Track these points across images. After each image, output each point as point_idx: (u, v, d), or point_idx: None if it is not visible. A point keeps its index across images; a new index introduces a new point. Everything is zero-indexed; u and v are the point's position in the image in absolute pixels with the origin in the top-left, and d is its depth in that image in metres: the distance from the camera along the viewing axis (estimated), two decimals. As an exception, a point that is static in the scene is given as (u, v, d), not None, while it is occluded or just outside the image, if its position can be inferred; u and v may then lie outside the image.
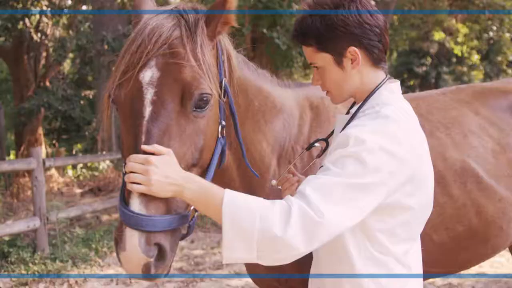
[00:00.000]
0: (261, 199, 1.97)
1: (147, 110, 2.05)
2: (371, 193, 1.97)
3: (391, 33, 19.00)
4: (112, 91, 2.14)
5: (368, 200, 1.97)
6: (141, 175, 1.94)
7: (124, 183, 2.02)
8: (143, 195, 1.97)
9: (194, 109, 2.12)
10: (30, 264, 7.93)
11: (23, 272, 7.74)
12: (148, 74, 2.09)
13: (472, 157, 3.02)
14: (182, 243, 9.49)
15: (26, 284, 7.53)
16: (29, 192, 13.84)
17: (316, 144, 2.57)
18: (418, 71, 26.86)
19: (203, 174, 2.22)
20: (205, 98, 2.13)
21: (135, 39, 2.14)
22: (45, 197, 8.58)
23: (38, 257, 8.11)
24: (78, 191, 14.98)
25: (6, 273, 7.69)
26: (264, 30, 10.78)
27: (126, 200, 2.00)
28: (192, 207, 2.14)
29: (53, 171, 16.08)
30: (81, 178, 16.62)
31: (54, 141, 19.04)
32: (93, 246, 8.83)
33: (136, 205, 1.96)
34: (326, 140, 2.49)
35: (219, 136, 2.34)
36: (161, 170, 1.94)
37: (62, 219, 9.10)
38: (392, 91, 2.25)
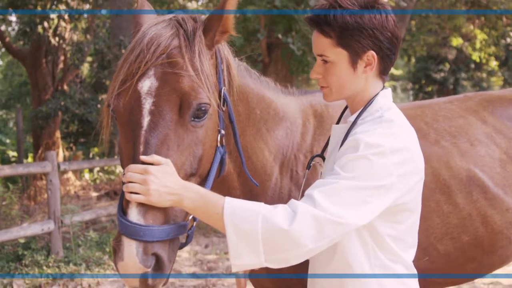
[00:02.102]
0: (262, 203, 1.99)
1: (146, 120, 2.06)
2: (381, 195, 2.00)
3: (408, 38, 18.90)
4: (111, 100, 2.15)
5: (378, 201, 2.00)
6: (140, 185, 1.95)
7: (123, 193, 2.03)
8: (141, 204, 1.98)
9: (192, 119, 2.13)
10: (44, 267, 7.99)
11: (37, 275, 7.79)
12: (147, 84, 2.10)
13: (479, 166, 2.99)
14: (196, 248, 9.51)
15: (39, 286, 7.59)
16: (45, 195, 13.94)
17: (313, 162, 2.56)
18: (436, 77, 26.69)
19: (202, 183, 2.23)
20: (203, 108, 2.14)
21: (134, 49, 2.15)
22: (59, 200, 8.63)
23: (52, 260, 8.16)
24: (94, 194, 15.06)
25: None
26: (280, 36, 10.77)
27: (124, 209, 2.01)
28: (190, 216, 2.15)
29: (70, 175, 16.17)
30: (97, 181, 16.72)
31: (71, 145, 19.16)
32: (107, 249, 8.86)
33: (134, 215, 1.97)
34: (321, 155, 2.46)
35: (218, 145, 2.34)
36: (160, 180, 1.95)
37: (77, 222, 9.15)
38: (386, 96, 2.28)
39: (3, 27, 17.98)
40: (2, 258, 8.20)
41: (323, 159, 2.45)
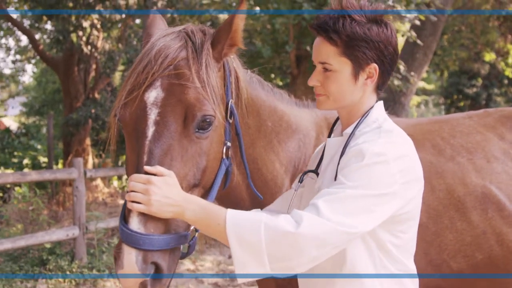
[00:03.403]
0: (263, 213, 1.99)
1: (150, 130, 2.09)
2: (385, 203, 2.01)
3: (440, 53, 18.75)
4: (118, 110, 2.18)
5: (382, 209, 2.01)
6: (141, 195, 1.97)
7: (126, 202, 2.05)
8: (142, 213, 1.99)
9: (197, 130, 2.15)
10: (68, 272, 8.07)
11: (60, 280, 7.88)
12: (153, 95, 2.12)
13: (495, 183, 2.95)
14: (219, 258, 9.51)
15: (62, 291, 7.68)
16: (73, 201, 14.11)
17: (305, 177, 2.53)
18: (469, 92, 26.37)
19: (206, 194, 2.25)
20: (208, 120, 2.16)
21: (142, 59, 2.18)
22: (85, 207, 8.72)
23: (76, 266, 8.25)
24: (121, 202, 15.18)
25: (44, 280, 7.84)
26: (308, 48, 10.77)
27: (126, 218, 2.03)
28: (192, 227, 2.16)
29: (98, 182, 16.35)
30: (125, 189, 16.84)
31: (101, 152, 19.36)
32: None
33: (134, 223, 1.99)
34: (315, 171, 2.43)
35: (224, 157, 2.34)
36: (162, 190, 1.97)
37: (102, 229, 9.24)
38: (381, 108, 2.30)
39: (38, 35, 18.31)
40: (27, 262, 8.32)
41: (317, 174, 2.42)
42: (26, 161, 18.64)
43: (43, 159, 19.42)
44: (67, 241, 9.27)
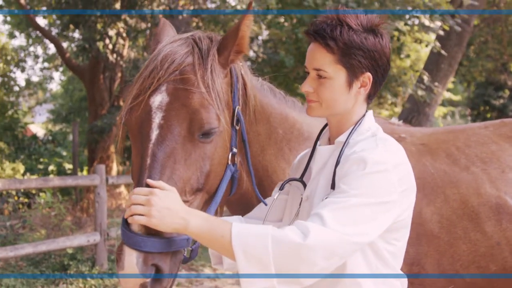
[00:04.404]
0: (270, 226, 1.96)
1: (154, 133, 2.11)
2: (387, 212, 2.01)
3: (466, 64, 18.59)
4: (124, 114, 2.21)
5: (384, 218, 2.00)
6: (142, 207, 1.94)
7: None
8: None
9: (201, 134, 2.16)
10: (88, 278, 8.14)
11: (81, 285, 7.95)
12: (158, 99, 2.15)
13: (509, 194, 2.90)
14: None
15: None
16: (97, 208, 14.23)
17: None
18: (495, 104, 26.05)
19: (209, 200, 2.25)
20: (212, 129, 2.17)
21: (149, 65, 2.22)
22: (106, 213, 8.79)
23: (96, 271, 8.31)
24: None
25: (64, 285, 7.91)
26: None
27: (127, 220, 2.03)
28: None
29: (122, 189, 16.46)
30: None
31: (125, 159, 19.52)
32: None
33: (136, 225, 2.00)
34: (301, 180, 2.40)
35: (229, 163, 2.34)
36: (163, 202, 1.94)
37: (123, 235, 9.28)
38: (372, 117, 2.30)
39: (65, 44, 18.56)
40: (48, 267, 8.41)
41: (302, 182, 2.39)
42: (51, 167, 18.87)
43: (68, 166, 19.64)
44: (89, 247, 9.34)
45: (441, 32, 10.99)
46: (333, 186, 2.11)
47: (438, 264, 2.80)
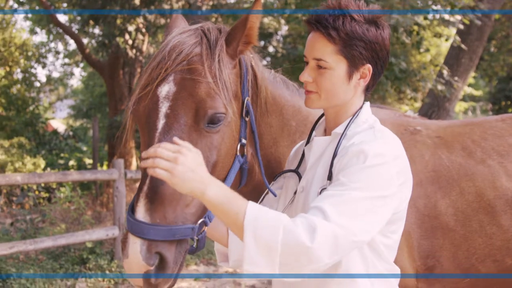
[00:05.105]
0: (284, 214, 1.95)
1: (161, 123, 2.11)
2: (387, 205, 2.00)
3: (487, 58, 18.40)
4: (132, 104, 2.21)
5: (384, 211, 2.00)
6: (167, 162, 1.87)
7: (138, 191, 2.05)
8: (149, 203, 2.00)
9: (207, 124, 2.15)
10: (107, 271, 8.20)
11: (100, 279, 8.01)
12: (165, 89, 2.15)
13: None
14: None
15: (101, 290, 7.80)
16: (117, 202, 14.33)
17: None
18: (517, 99, 25.82)
19: None
20: (218, 115, 2.16)
21: (157, 55, 2.22)
22: (125, 207, 8.83)
23: (115, 265, 8.37)
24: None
25: (83, 278, 7.98)
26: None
27: (133, 208, 2.04)
28: (200, 220, 2.14)
29: (141, 183, 16.53)
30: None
31: (144, 154, 19.61)
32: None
33: (141, 213, 1.99)
34: (296, 171, 2.39)
35: (237, 153, 2.34)
36: (190, 163, 1.88)
37: (141, 229, 9.32)
38: (369, 109, 2.30)
39: (86, 40, 18.70)
40: (67, 261, 8.48)
41: (297, 173, 2.38)
42: (72, 162, 19.03)
43: (88, 161, 19.80)
44: (108, 241, 9.41)
45: (461, 26, 10.87)
46: (330, 178, 2.11)
47: (453, 258, 2.78)
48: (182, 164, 1.86)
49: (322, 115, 2.42)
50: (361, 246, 2.01)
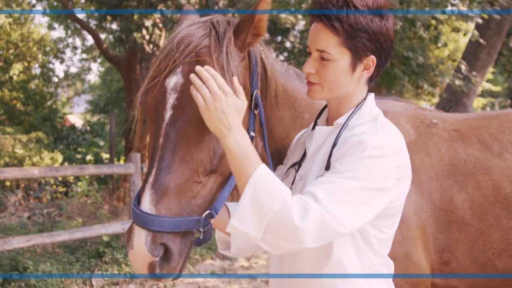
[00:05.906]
0: (289, 190, 1.96)
1: (168, 114, 2.12)
2: (380, 198, 2.01)
3: (506, 54, 18.21)
4: (140, 95, 2.23)
5: (376, 203, 2.00)
6: (210, 95, 1.97)
7: (144, 183, 2.07)
8: (154, 194, 2.01)
9: None
10: (123, 265, 8.24)
11: (116, 272, 8.05)
12: (173, 80, 2.16)
13: None
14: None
15: (117, 283, 7.83)
16: (134, 197, 14.37)
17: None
18: (537, 94, 25.55)
19: (224, 182, 2.23)
20: None
21: (166, 47, 2.23)
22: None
23: (131, 258, 8.39)
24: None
25: (99, 272, 8.02)
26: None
27: (139, 199, 2.05)
28: (206, 212, 2.14)
29: (158, 178, 16.58)
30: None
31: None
32: (184, 252, 9.00)
33: (146, 204, 2.01)
34: (299, 163, 2.39)
35: None
36: (228, 107, 1.97)
37: (157, 224, 9.35)
38: (373, 101, 2.28)
39: (103, 35, 18.78)
40: (84, 254, 8.54)
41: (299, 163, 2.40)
42: (89, 157, 19.15)
43: (105, 156, 19.91)
44: (124, 235, 9.44)
45: (480, 21, 10.76)
46: (327, 167, 2.11)
47: (469, 252, 2.75)
48: (220, 102, 1.95)
49: (326, 105, 2.42)
50: (346, 235, 2.02)
